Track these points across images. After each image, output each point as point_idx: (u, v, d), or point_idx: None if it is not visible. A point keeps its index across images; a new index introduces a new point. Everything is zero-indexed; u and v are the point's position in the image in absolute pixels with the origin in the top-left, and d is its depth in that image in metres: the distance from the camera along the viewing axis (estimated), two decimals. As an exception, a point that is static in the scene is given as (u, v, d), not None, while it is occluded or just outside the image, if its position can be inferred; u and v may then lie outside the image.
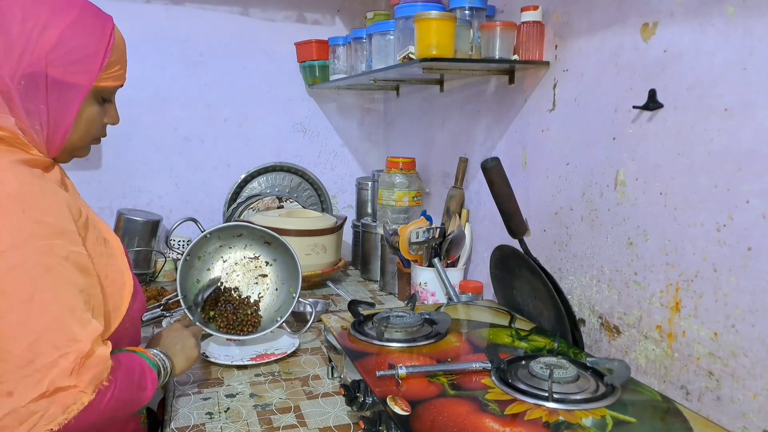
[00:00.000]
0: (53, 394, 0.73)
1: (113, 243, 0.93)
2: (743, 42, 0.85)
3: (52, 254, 0.77)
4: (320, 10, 2.18)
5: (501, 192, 1.20)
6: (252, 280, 1.49)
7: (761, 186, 0.84)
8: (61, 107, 0.85)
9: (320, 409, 1.09)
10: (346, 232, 2.05)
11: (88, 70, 0.86)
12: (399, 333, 1.10)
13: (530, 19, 1.29)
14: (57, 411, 0.73)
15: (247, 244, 1.47)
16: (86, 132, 0.91)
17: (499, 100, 1.51)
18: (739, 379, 0.88)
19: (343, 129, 2.31)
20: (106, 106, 0.94)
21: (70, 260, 0.79)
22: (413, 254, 1.55)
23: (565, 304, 1.12)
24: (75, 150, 0.93)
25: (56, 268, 0.77)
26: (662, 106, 1.00)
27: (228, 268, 1.47)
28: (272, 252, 1.48)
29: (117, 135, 1.99)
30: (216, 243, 1.44)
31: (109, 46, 0.88)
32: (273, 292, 1.49)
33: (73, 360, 0.74)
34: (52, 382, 0.73)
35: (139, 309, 0.99)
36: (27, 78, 0.81)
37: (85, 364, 0.76)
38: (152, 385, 0.91)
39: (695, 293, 0.95)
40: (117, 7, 1.94)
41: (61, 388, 0.74)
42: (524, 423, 0.78)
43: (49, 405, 0.73)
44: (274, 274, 1.50)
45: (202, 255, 1.43)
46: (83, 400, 0.75)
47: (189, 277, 1.40)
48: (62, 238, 0.79)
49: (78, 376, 0.75)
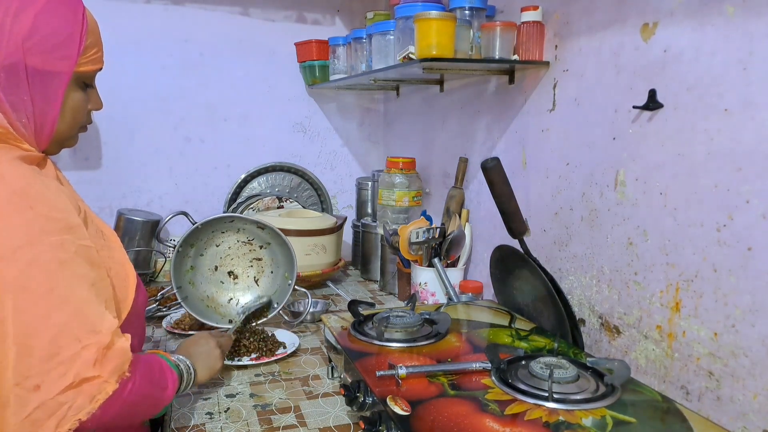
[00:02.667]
0: (79, 385, 0.74)
1: (111, 237, 0.93)
2: (743, 42, 0.85)
3: (64, 249, 0.78)
4: (320, 10, 2.18)
5: (501, 192, 1.20)
6: (247, 263, 1.52)
7: (761, 186, 0.84)
8: (45, 97, 0.84)
9: (320, 409, 1.09)
10: (346, 232, 2.05)
11: (66, 56, 0.84)
12: (399, 333, 1.10)
13: (530, 19, 1.29)
14: (84, 401, 0.74)
15: (240, 228, 1.49)
16: (73, 120, 0.90)
17: (499, 100, 1.51)
18: (739, 379, 0.88)
19: (343, 129, 2.31)
20: (89, 92, 0.93)
21: (80, 254, 0.80)
22: (413, 254, 1.55)
23: (565, 304, 1.12)
24: (64, 140, 0.92)
25: (69, 263, 0.78)
26: (662, 106, 1.00)
27: (222, 253, 1.49)
28: (266, 236, 1.51)
29: (117, 135, 2.02)
30: (209, 230, 1.46)
31: (83, 30, 0.86)
32: (269, 275, 1.52)
33: (95, 351, 0.76)
34: (77, 374, 0.74)
35: (143, 302, 1.00)
36: (6, 70, 0.80)
37: (107, 355, 0.77)
38: (173, 385, 0.92)
39: (695, 293, 0.95)
40: (117, 7, 1.96)
41: (87, 379, 0.75)
42: (524, 423, 0.78)
43: (77, 396, 0.74)
44: (268, 257, 1.52)
45: (195, 242, 1.45)
46: (108, 390, 0.76)
47: (182, 265, 1.42)
48: (71, 233, 0.80)
49: (102, 366, 0.76)
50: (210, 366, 1.08)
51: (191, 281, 1.45)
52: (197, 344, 1.10)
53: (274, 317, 1.62)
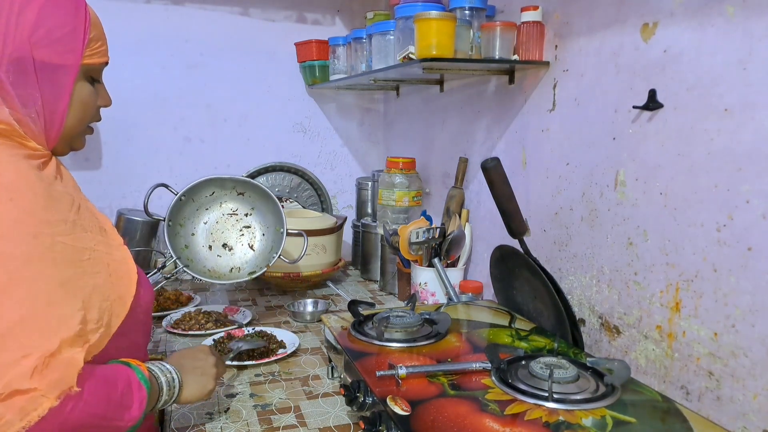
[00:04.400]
0: (9, 398, 0.65)
1: (111, 233, 0.91)
2: (743, 42, 0.85)
3: (37, 243, 0.73)
4: (320, 10, 2.19)
5: (501, 192, 1.20)
6: (237, 233, 1.55)
7: (761, 186, 0.84)
8: (54, 91, 0.84)
9: (320, 409, 1.09)
10: (346, 232, 2.05)
11: (72, 49, 0.84)
12: (399, 333, 1.10)
13: (530, 19, 1.29)
14: (14, 417, 0.65)
15: (222, 202, 1.53)
16: (83, 114, 0.89)
17: (499, 100, 1.51)
18: (739, 379, 0.88)
19: (343, 129, 2.31)
20: (97, 87, 0.92)
21: (56, 251, 0.75)
22: (413, 254, 1.55)
23: (565, 304, 1.12)
24: (72, 138, 0.91)
25: (37, 260, 0.72)
26: (662, 106, 1.00)
27: (211, 228, 1.53)
28: (248, 202, 1.55)
29: (117, 135, 2.02)
30: (192, 205, 1.50)
31: (86, 22, 0.86)
32: (261, 237, 1.56)
33: (35, 359, 0.67)
34: (8, 384, 0.65)
35: (148, 300, 0.96)
36: (14, 64, 0.80)
37: (50, 365, 0.68)
38: (139, 405, 0.80)
39: (695, 293, 0.95)
40: (117, 7, 1.96)
41: (19, 391, 0.65)
42: (524, 423, 0.78)
43: (5, 410, 0.64)
44: (256, 222, 1.56)
45: (183, 222, 1.49)
46: (44, 406, 0.66)
47: (177, 243, 1.46)
48: (50, 228, 0.76)
49: (40, 377, 0.67)
50: (202, 385, 0.97)
51: (189, 258, 1.48)
52: (194, 358, 1.00)
53: (274, 317, 1.62)
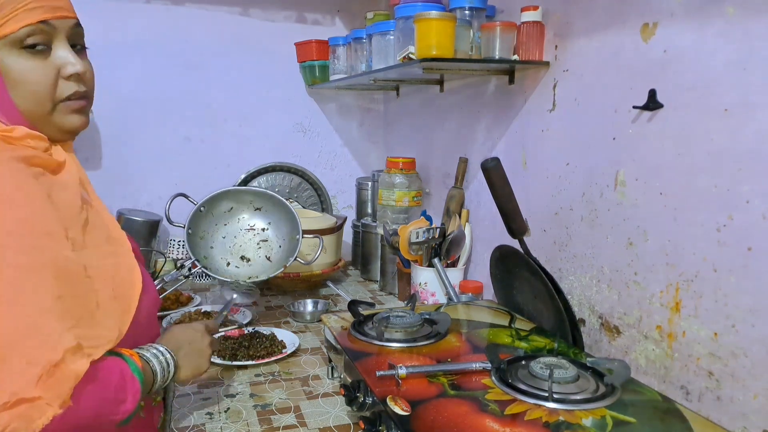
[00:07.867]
0: (15, 406, 0.64)
1: (121, 240, 0.89)
2: (743, 42, 0.85)
3: (32, 255, 0.71)
4: (320, 11, 2.18)
5: (501, 192, 1.20)
6: (255, 246, 1.59)
7: (761, 186, 0.84)
8: None
9: (320, 409, 1.09)
10: (346, 232, 2.05)
11: None
12: (399, 333, 1.10)
13: (530, 19, 1.29)
14: (20, 425, 0.64)
15: (240, 218, 1.57)
16: (33, 93, 0.80)
17: (499, 100, 1.51)
18: (739, 380, 0.88)
19: (343, 129, 2.31)
20: (51, 55, 0.81)
21: (53, 264, 0.72)
22: (413, 254, 1.55)
23: (565, 304, 1.12)
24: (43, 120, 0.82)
25: (34, 272, 0.70)
26: (662, 106, 1.00)
27: (229, 242, 1.56)
28: (265, 216, 1.58)
29: (117, 135, 2.02)
30: (210, 219, 1.53)
31: None
32: (278, 249, 1.60)
33: (41, 369, 0.66)
34: (14, 393, 0.64)
35: (151, 306, 0.93)
36: None
37: (56, 375, 0.67)
38: (133, 398, 0.79)
39: (695, 293, 0.95)
40: (117, 7, 1.96)
41: (25, 400, 0.65)
42: (524, 423, 0.78)
43: (11, 419, 0.64)
44: (273, 235, 1.60)
45: (203, 235, 1.52)
46: (48, 414, 0.66)
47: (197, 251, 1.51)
48: (49, 239, 0.73)
49: (46, 386, 0.66)
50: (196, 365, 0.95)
51: (209, 268, 1.50)
52: (189, 335, 0.98)
53: (274, 317, 1.62)
